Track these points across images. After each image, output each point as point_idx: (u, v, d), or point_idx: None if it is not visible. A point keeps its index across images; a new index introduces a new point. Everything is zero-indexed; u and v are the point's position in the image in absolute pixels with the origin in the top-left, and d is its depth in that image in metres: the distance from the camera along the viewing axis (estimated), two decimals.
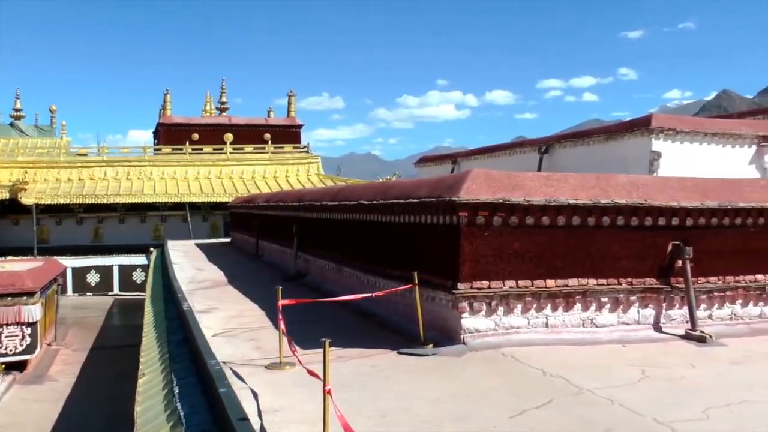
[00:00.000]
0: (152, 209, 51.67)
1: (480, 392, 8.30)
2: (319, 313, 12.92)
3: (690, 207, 11.84)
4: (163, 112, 62.13)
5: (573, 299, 11.13)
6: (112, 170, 53.41)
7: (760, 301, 12.73)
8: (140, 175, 53.46)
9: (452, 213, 10.43)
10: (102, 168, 53.45)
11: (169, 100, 61.68)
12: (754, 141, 18.35)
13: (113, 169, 53.46)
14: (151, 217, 52.65)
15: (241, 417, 6.99)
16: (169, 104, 61.75)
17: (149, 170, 53.94)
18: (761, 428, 7.33)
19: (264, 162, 56.07)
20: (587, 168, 15.54)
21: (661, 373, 9.33)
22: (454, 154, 30.32)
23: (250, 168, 55.47)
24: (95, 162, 53.96)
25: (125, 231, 51.66)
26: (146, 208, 51.47)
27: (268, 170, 55.62)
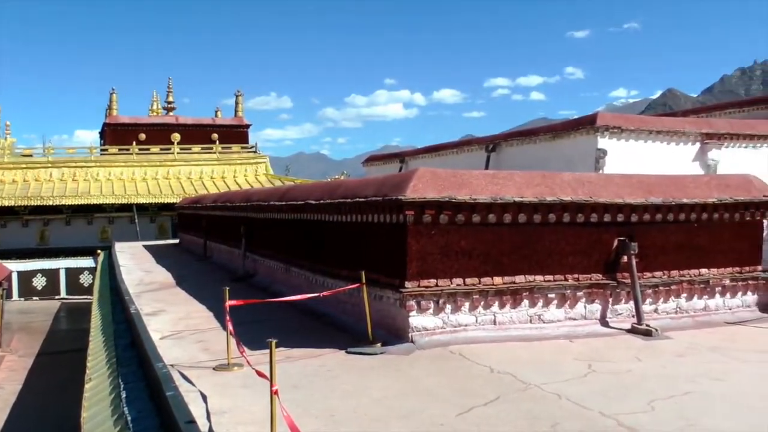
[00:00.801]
0: (99, 211, 50.95)
1: (428, 390, 8.31)
2: (267, 313, 12.85)
3: (635, 203, 11.99)
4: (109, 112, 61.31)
5: (520, 296, 11.21)
6: (57, 171, 52.59)
7: (704, 294, 12.96)
8: (86, 176, 52.72)
9: (399, 212, 10.42)
10: (47, 169, 52.61)
11: (116, 100, 60.92)
12: (698, 138, 18.64)
13: (59, 170, 52.64)
14: (98, 219, 51.92)
15: (188, 420, 6.90)
16: (116, 104, 60.99)
17: (96, 171, 53.22)
18: (705, 419, 7.44)
19: (212, 162, 55.67)
20: (534, 166, 15.67)
21: (607, 367, 9.45)
22: (401, 153, 30.38)
23: (197, 168, 55.03)
24: (40, 163, 53.08)
25: (72, 233, 50.85)
26: (93, 210, 50.73)
27: (216, 170, 55.22)
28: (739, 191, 13.35)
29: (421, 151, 28.44)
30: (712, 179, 14.10)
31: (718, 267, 13.10)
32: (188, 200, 35.08)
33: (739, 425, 7.34)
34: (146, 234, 47.61)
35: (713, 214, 12.93)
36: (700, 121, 20.04)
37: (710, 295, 13.04)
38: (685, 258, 12.75)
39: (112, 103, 60.99)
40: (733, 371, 9.54)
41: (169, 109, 65.07)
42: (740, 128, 19.64)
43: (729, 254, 13.26)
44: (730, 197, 13.05)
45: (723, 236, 13.17)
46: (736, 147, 19.20)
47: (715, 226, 13.02)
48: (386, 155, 32.11)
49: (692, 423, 7.31)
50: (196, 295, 16.24)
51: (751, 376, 9.37)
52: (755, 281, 13.52)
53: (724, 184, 13.48)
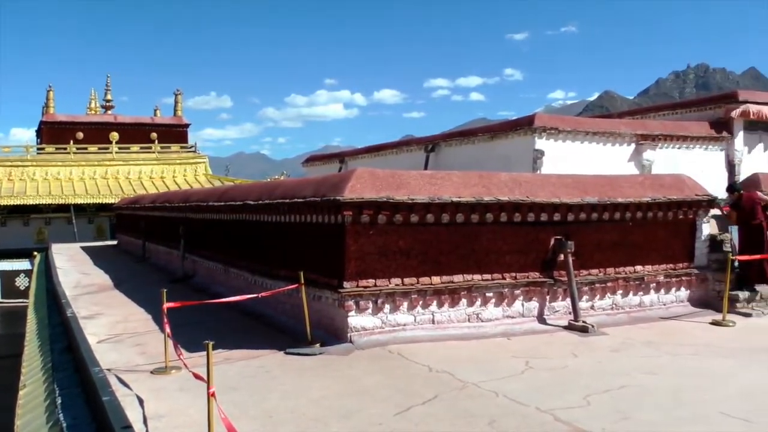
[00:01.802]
0: (35, 211, 49.82)
1: (366, 390, 8.34)
2: (206, 315, 12.73)
3: (571, 203, 12.18)
4: (46, 110, 59.94)
5: (458, 295, 11.29)
6: None
7: (639, 290, 13.24)
8: (22, 175, 51.52)
9: (337, 212, 10.44)
10: None
11: (53, 98, 59.57)
12: (633, 139, 18.94)
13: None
14: (34, 220, 50.82)
15: (124, 425, 6.82)
16: (53, 101, 59.66)
17: (32, 170, 52.05)
18: (638, 412, 7.60)
19: (151, 162, 54.93)
20: (473, 166, 15.78)
21: (544, 364, 9.59)
22: (341, 153, 30.36)
23: (136, 168, 54.26)
24: None
25: (7, 234, 49.65)
26: (29, 210, 49.58)
27: (155, 170, 54.51)
28: (673, 191, 13.64)
29: (361, 151, 28.46)
30: (647, 179, 14.38)
31: (653, 264, 13.38)
32: (127, 201, 34.63)
33: (672, 417, 7.50)
34: (84, 235, 46.78)
35: (647, 213, 13.20)
36: (635, 123, 20.36)
37: (645, 292, 13.32)
38: (621, 256, 12.99)
39: (49, 101, 59.68)
40: (666, 365, 9.78)
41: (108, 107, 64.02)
42: (674, 130, 20.02)
43: (663, 252, 13.55)
44: (663, 196, 13.34)
45: (657, 234, 13.45)
46: (670, 148, 19.57)
47: (649, 224, 13.28)
48: (326, 155, 32.06)
49: (626, 416, 7.46)
50: (134, 298, 16.05)
51: (683, 369, 9.58)
52: (688, 277, 13.85)
53: (658, 184, 13.76)
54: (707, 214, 14.19)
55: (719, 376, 9.21)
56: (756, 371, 9.55)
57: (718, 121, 20.99)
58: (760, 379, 9.13)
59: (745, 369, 9.64)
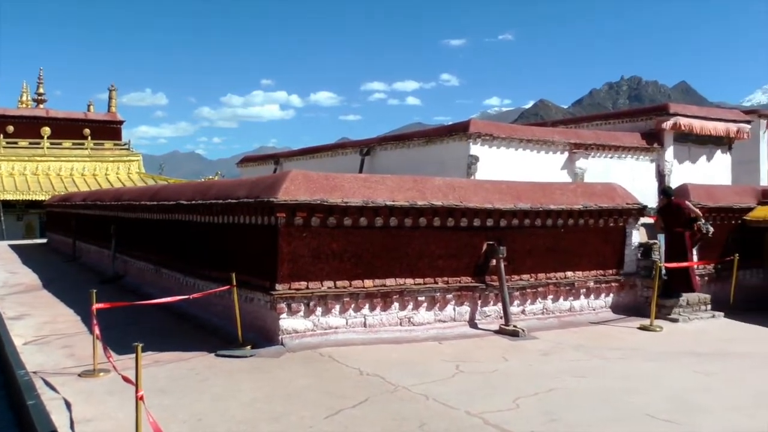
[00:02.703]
0: None
1: (297, 392, 8.31)
2: (137, 316, 12.55)
3: (504, 209, 12.30)
4: None
5: (391, 298, 11.33)
6: None
7: (569, 295, 13.45)
8: None
9: (270, 214, 10.40)
10: None
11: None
12: (567, 148, 19.18)
13: None
14: None
15: (50, 430, 6.72)
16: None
17: None
18: (566, 414, 7.74)
19: (83, 158, 53.89)
20: (408, 170, 15.83)
21: (474, 368, 9.67)
22: (276, 154, 30.21)
23: (68, 164, 53.17)
24: None
25: None
26: None
27: (88, 167, 53.49)
28: (604, 199, 13.88)
29: (296, 152, 28.38)
30: (579, 187, 14.60)
31: (583, 270, 13.60)
32: (57, 198, 33.96)
33: (599, 419, 7.66)
34: (13, 233, 45.77)
35: (579, 220, 13.42)
36: (569, 132, 20.61)
37: (575, 297, 13.53)
38: (552, 261, 13.18)
39: None
40: (594, 368, 9.95)
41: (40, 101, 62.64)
42: (606, 139, 20.34)
43: (593, 258, 13.77)
44: (595, 204, 13.57)
45: (588, 241, 13.67)
46: (603, 157, 19.87)
47: (580, 231, 13.49)
48: (261, 156, 31.90)
49: (555, 418, 7.58)
50: (63, 298, 15.74)
51: (611, 372, 9.78)
52: (618, 283, 14.11)
53: (590, 192, 13.98)
54: (637, 222, 14.48)
55: (646, 379, 9.41)
56: (680, 374, 9.81)
57: (649, 133, 21.37)
58: (685, 382, 9.37)
59: (671, 372, 9.90)
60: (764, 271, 16.99)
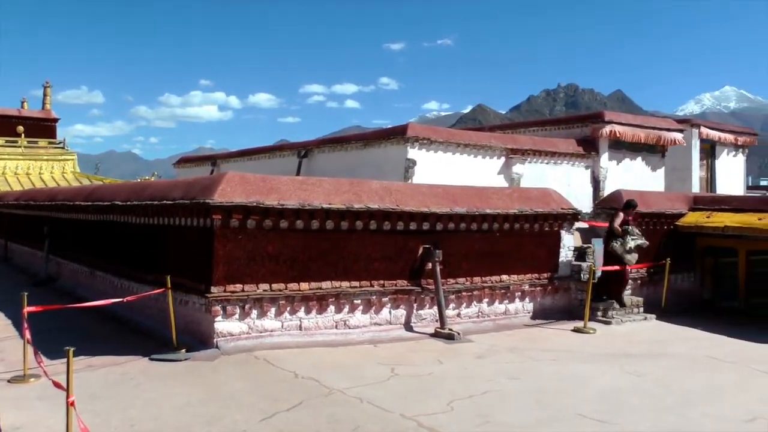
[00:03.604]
0: None
1: (231, 396, 8.27)
2: (70, 320, 12.32)
3: (440, 212, 12.37)
4: None
5: (326, 301, 11.32)
6: None
7: (505, 299, 13.59)
8: None
9: (206, 215, 10.31)
10: None
11: None
12: (503, 153, 19.39)
13: None
14: None
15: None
16: None
17: None
18: (500, 415, 7.84)
19: (16, 157, 52.71)
20: (346, 173, 15.84)
21: (410, 371, 9.71)
22: (214, 155, 30.04)
23: (1, 163, 52.21)
24: None
25: None
26: None
27: (21, 166, 52.35)
28: (539, 203, 14.04)
29: (234, 154, 28.24)
30: (515, 191, 14.76)
31: (519, 273, 13.75)
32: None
33: (532, 420, 7.78)
34: None
35: (515, 224, 13.55)
36: (505, 137, 20.84)
37: (510, 300, 13.68)
38: (488, 265, 13.29)
39: None
40: (528, 370, 10.10)
41: None
42: (542, 145, 20.62)
43: (529, 261, 13.93)
44: (530, 209, 13.72)
45: (523, 245, 13.82)
46: (539, 162, 20.13)
47: (516, 235, 13.63)
48: (198, 157, 31.72)
49: (488, 420, 7.67)
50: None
51: (544, 374, 9.94)
52: (552, 286, 14.29)
53: (525, 197, 14.13)
54: (572, 226, 14.68)
55: (578, 380, 9.59)
56: (612, 375, 10.01)
57: (585, 139, 21.71)
58: (616, 382, 9.58)
59: (603, 373, 10.09)
60: (695, 275, 17.36)
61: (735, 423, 7.97)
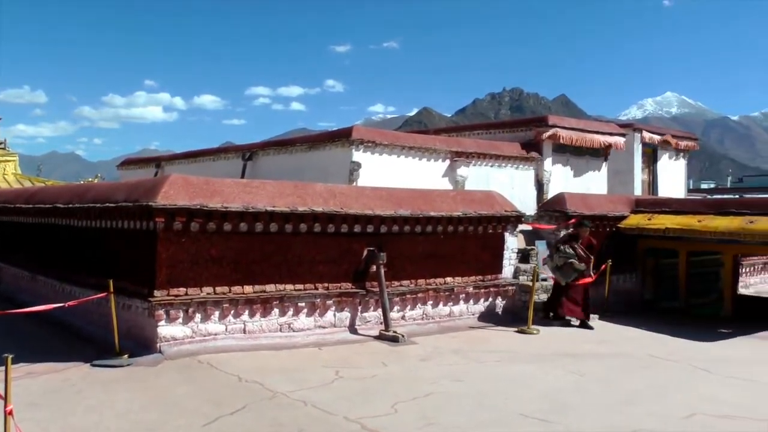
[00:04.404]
0: None
1: (174, 401, 8.21)
2: (10, 326, 12.08)
3: (384, 215, 12.42)
4: None
5: (271, 304, 11.30)
6: None
7: (449, 301, 13.68)
8: None
9: (149, 218, 10.21)
10: None
11: None
12: (448, 156, 19.48)
13: None
14: None
15: None
16: None
17: None
18: (443, 417, 7.89)
19: None
20: (290, 176, 15.80)
21: (354, 373, 9.73)
22: (158, 157, 29.73)
23: None
24: None
25: None
26: None
27: None
28: (483, 206, 14.16)
29: (178, 156, 27.96)
30: (459, 194, 14.87)
31: (463, 276, 13.85)
32: None
33: (475, 421, 7.84)
34: None
35: (459, 226, 13.64)
36: (450, 140, 20.92)
37: (455, 302, 13.78)
38: (432, 267, 13.37)
39: None
40: (472, 372, 10.18)
41: None
42: (487, 148, 20.74)
43: (473, 264, 14.04)
44: (474, 211, 13.82)
45: (468, 247, 13.92)
46: (483, 165, 20.26)
47: (460, 237, 13.73)
48: (143, 159, 31.38)
49: (432, 422, 7.71)
50: None
51: (488, 375, 10.04)
52: (496, 288, 14.41)
53: (469, 199, 14.24)
54: (516, 228, 14.83)
55: (521, 381, 9.69)
56: (555, 375, 10.14)
57: (529, 143, 21.89)
58: (559, 382, 9.72)
59: (546, 373, 10.21)
60: (637, 276, 17.64)
61: (675, 420, 8.11)
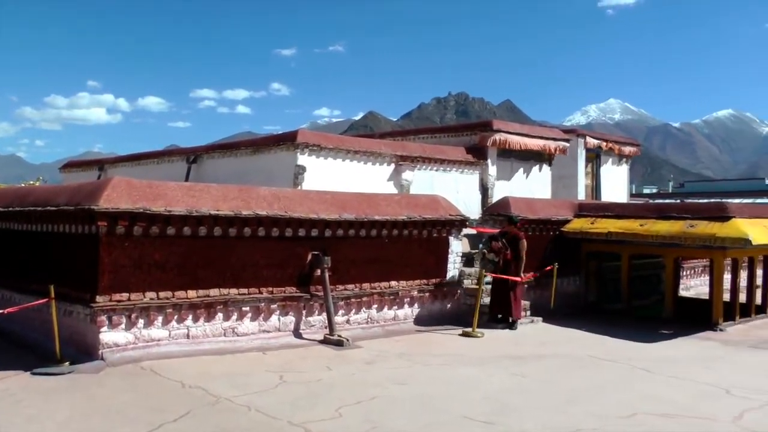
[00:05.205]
0: None
1: (116, 409, 8.11)
2: None
3: (329, 219, 12.43)
4: None
5: (215, 309, 11.25)
6: None
7: (394, 304, 13.74)
8: None
9: (91, 222, 10.09)
10: None
11: None
12: (393, 160, 19.49)
13: None
14: None
15: None
16: None
17: None
18: (388, 420, 7.93)
19: None
20: (235, 179, 15.69)
21: (298, 377, 9.73)
22: (101, 159, 29.29)
23: None
24: None
25: None
26: None
27: None
28: (428, 210, 14.23)
29: (122, 158, 27.56)
30: (403, 198, 14.92)
31: (408, 279, 13.92)
32: None
33: (419, 424, 7.89)
34: None
35: (403, 230, 13.71)
36: (395, 144, 20.92)
37: (399, 306, 13.84)
38: (377, 271, 13.42)
39: None
40: (416, 375, 10.24)
41: None
42: (432, 152, 20.78)
43: (417, 267, 14.11)
44: (419, 215, 13.89)
45: (412, 251, 13.98)
46: (428, 169, 20.28)
47: (405, 241, 13.80)
48: (85, 161, 30.88)
49: (376, 425, 7.75)
50: None
51: (432, 378, 10.10)
52: (441, 291, 14.50)
53: (414, 203, 14.31)
54: (460, 232, 14.92)
55: (466, 383, 9.79)
56: (498, 377, 10.26)
57: (474, 147, 21.95)
58: (503, 384, 9.84)
59: (490, 376, 10.33)
60: (580, 279, 17.87)
61: (615, 419, 8.27)
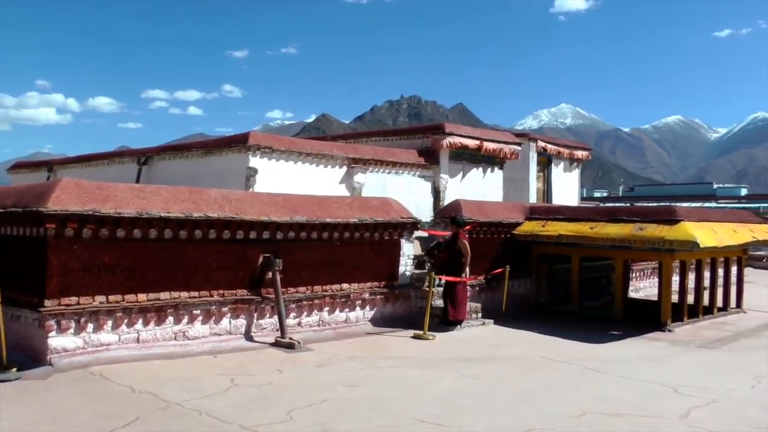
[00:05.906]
0: None
1: (65, 416, 7.99)
2: None
3: (280, 221, 12.41)
4: None
5: (165, 313, 11.15)
6: None
7: (345, 307, 13.76)
8: None
9: (39, 224, 9.95)
10: None
11: None
12: (345, 162, 19.49)
13: None
14: None
15: None
16: None
17: None
18: (339, 423, 7.93)
19: None
20: (187, 181, 15.57)
21: (249, 381, 9.70)
22: (50, 160, 28.92)
23: None
24: None
25: None
26: None
27: None
28: (379, 212, 14.27)
29: (71, 160, 27.22)
30: (355, 201, 14.93)
31: (359, 282, 13.95)
32: None
33: (371, 426, 7.92)
34: None
35: (355, 233, 13.73)
36: (347, 147, 20.91)
37: (351, 308, 13.86)
38: (328, 274, 13.43)
39: None
40: (368, 377, 10.26)
41: None
42: (384, 155, 20.80)
43: (369, 270, 14.14)
44: (370, 218, 13.93)
45: (364, 253, 14.01)
46: (380, 172, 20.30)
47: (356, 244, 13.83)
48: (34, 162, 30.46)
49: (327, 428, 7.74)
50: None
51: (384, 380, 10.13)
52: (392, 294, 14.54)
53: (366, 206, 14.34)
54: (411, 235, 14.98)
55: (417, 386, 9.82)
56: (450, 379, 10.31)
57: (426, 150, 22.02)
58: (454, 386, 9.89)
59: (441, 378, 10.37)
60: (531, 281, 18.03)
61: (566, 419, 8.38)
